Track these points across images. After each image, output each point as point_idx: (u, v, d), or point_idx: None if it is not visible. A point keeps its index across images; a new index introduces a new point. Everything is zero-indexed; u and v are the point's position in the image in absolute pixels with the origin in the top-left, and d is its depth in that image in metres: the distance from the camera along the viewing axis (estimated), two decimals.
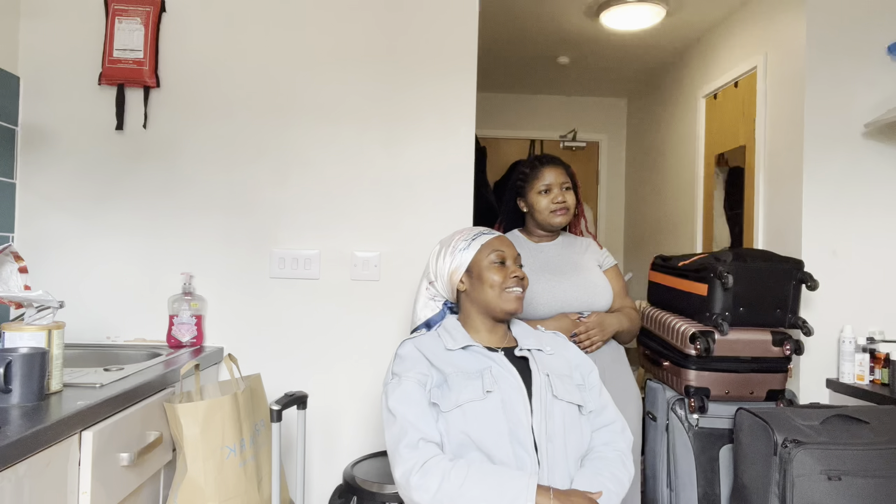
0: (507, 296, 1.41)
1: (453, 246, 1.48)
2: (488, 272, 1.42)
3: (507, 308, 1.41)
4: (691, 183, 3.50)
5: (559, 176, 1.86)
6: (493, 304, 1.41)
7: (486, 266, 1.43)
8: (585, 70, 4.12)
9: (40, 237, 2.06)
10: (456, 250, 1.47)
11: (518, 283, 1.43)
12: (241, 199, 2.11)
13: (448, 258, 1.47)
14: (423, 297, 1.55)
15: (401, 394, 1.31)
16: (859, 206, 2.38)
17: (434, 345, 1.41)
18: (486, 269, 1.43)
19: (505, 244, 1.47)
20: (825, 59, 2.36)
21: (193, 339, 2.01)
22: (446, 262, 1.48)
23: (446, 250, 1.49)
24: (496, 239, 1.48)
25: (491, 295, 1.41)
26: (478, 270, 1.43)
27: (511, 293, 1.41)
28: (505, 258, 1.45)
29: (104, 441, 1.32)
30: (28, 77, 2.07)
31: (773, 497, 1.74)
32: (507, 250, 1.46)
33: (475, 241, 1.47)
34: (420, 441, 1.25)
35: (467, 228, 1.53)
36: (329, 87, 2.13)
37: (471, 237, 1.48)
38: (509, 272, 1.43)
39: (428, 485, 1.20)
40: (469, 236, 1.48)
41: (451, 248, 1.48)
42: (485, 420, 1.29)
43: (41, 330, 1.34)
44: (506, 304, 1.41)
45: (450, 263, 1.47)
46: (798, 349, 2.03)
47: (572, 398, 1.37)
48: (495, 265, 1.43)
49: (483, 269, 1.43)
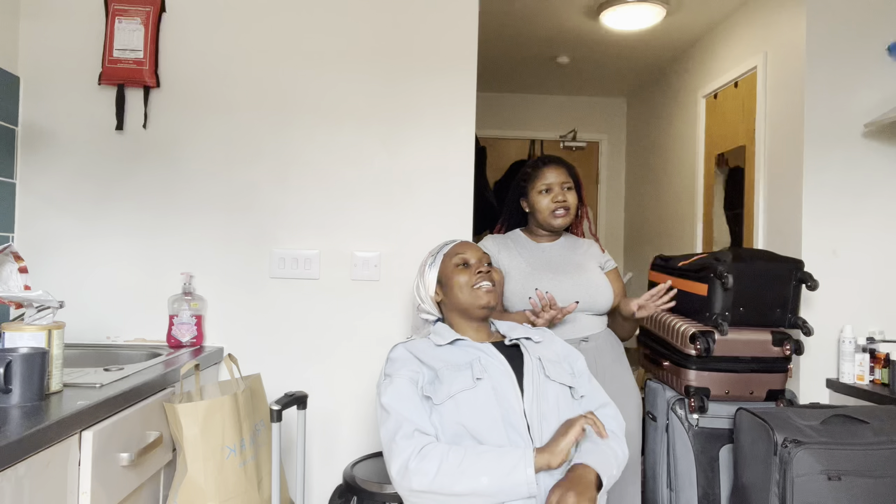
0: (478, 291, 1.48)
1: (426, 267, 1.57)
2: (455, 276, 1.50)
3: (481, 303, 1.48)
4: (691, 183, 3.50)
5: (560, 175, 1.86)
6: (466, 302, 1.48)
7: (452, 271, 1.51)
8: (585, 70, 4.12)
9: (40, 237, 2.06)
10: (426, 268, 1.57)
11: (485, 278, 1.50)
12: (241, 199, 2.11)
13: (423, 279, 1.57)
14: (417, 322, 1.63)
15: (393, 391, 1.35)
16: (859, 206, 2.37)
17: (424, 346, 1.47)
18: (452, 274, 1.51)
19: (467, 247, 1.56)
20: (825, 59, 2.37)
21: (193, 339, 2.01)
22: (423, 283, 1.57)
23: (421, 273, 1.59)
24: (457, 245, 1.57)
25: (462, 296, 1.49)
26: (446, 278, 1.52)
27: (480, 288, 1.48)
28: (467, 260, 1.52)
29: (104, 441, 1.32)
30: (28, 77, 2.07)
31: (773, 497, 1.74)
32: (469, 252, 1.54)
33: (439, 253, 1.57)
34: (415, 431, 1.29)
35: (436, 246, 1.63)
36: (329, 87, 2.13)
37: (435, 252, 1.58)
38: (474, 270, 1.50)
39: (426, 468, 1.23)
40: (434, 252, 1.59)
41: (423, 270, 1.57)
42: (477, 408, 1.32)
43: (41, 330, 1.34)
44: (479, 300, 1.48)
45: (424, 283, 1.56)
46: (798, 349, 2.03)
47: (564, 380, 1.43)
48: (459, 268, 1.51)
49: (450, 274, 1.51)
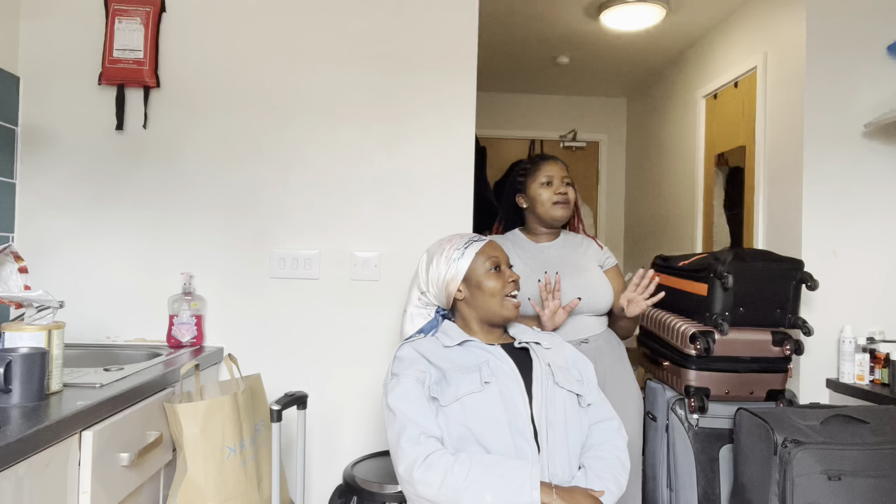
0: (508, 303, 1.45)
1: (446, 255, 1.48)
2: (487, 280, 1.45)
3: (508, 315, 1.45)
4: (691, 183, 3.50)
5: (561, 170, 1.87)
6: (493, 311, 1.45)
7: (484, 274, 1.46)
8: (585, 70, 4.12)
9: (40, 237, 2.06)
10: (450, 260, 1.47)
11: (515, 288, 1.47)
12: (241, 199, 2.11)
13: (442, 267, 1.48)
14: (412, 306, 1.55)
15: (400, 391, 1.33)
16: (859, 206, 2.37)
17: (432, 345, 1.43)
18: (483, 277, 1.45)
19: (498, 249, 1.51)
20: (825, 58, 2.36)
21: (193, 339, 2.01)
22: (440, 271, 1.48)
23: (438, 259, 1.49)
24: (488, 245, 1.50)
25: (492, 303, 1.45)
26: (476, 279, 1.46)
27: (511, 301, 1.46)
28: (499, 263, 1.48)
29: (104, 441, 1.32)
30: (28, 77, 2.07)
31: (773, 497, 1.74)
32: (500, 255, 1.50)
33: (468, 248, 1.48)
34: (420, 436, 1.27)
35: (455, 235, 1.54)
36: (329, 86, 2.13)
37: (463, 245, 1.48)
38: (507, 278, 1.46)
39: (431, 479, 1.22)
40: (461, 244, 1.49)
41: (443, 258, 1.48)
42: (484, 412, 1.30)
43: (41, 330, 1.34)
44: (506, 312, 1.45)
45: (444, 273, 1.47)
46: (798, 349, 2.03)
47: (572, 387, 1.41)
48: (492, 272, 1.46)
49: (481, 277, 1.45)
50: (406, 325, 1.55)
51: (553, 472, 1.30)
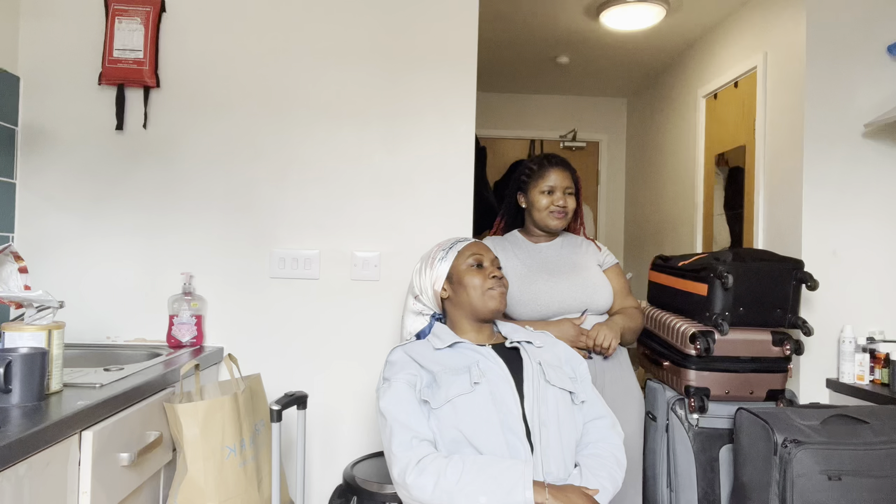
0: (490, 293, 1.47)
1: (432, 258, 1.54)
2: (468, 276, 1.48)
3: (492, 306, 1.46)
4: (691, 183, 3.50)
5: (564, 180, 1.86)
6: (476, 304, 1.46)
7: (465, 270, 1.49)
8: (585, 70, 4.11)
9: (40, 237, 2.06)
10: (435, 261, 1.53)
11: (497, 284, 1.48)
12: (241, 199, 2.11)
13: (429, 271, 1.53)
14: (410, 312, 1.59)
15: (391, 396, 1.34)
16: (859, 206, 2.37)
17: (423, 348, 1.44)
18: (465, 273, 1.48)
19: (481, 248, 1.54)
20: (825, 59, 2.36)
21: (193, 339, 2.01)
22: (428, 275, 1.53)
23: (427, 264, 1.55)
24: (472, 244, 1.54)
25: (474, 296, 1.46)
26: (458, 276, 1.49)
27: (493, 291, 1.47)
28: (482, 261, 1.50)
29: (104, 441, 1.32)
30: (28, 77, 2.07)
31: (773, 497, 1.74)
32: (483, 253, 1.52)
33: (452, 249, 1.53)
34: (412, 439, 1.28)
35: (445, 240, 1.60)
36: (329, 86, 2.13)
37: (448, 247, 1.54)
38: (487, 273, 1.49)
39: (424, 483, 1.22)
40: (446, 246, 1.55)
41: (430, 261, 1.54)
42: (475, 413, 1.31)
43: (41, 330, 1.34)
44: (490, 303, 1.46)
45: (431, 275, 1.52)
46: (798, 349, 2.03)
47: (564, 385, 1.41)
48: (473, 268, 1.49)
49: (462, 273, 1.49)
50: (404, 331, 1.59)
51: (548, 470, 1.30)
